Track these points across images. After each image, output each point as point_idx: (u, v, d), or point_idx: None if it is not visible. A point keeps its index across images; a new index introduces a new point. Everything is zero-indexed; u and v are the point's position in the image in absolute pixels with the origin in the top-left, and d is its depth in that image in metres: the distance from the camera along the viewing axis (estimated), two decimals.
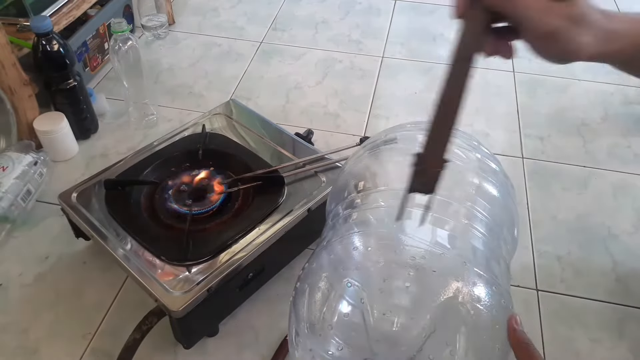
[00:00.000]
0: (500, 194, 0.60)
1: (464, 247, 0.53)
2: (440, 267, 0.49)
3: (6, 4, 0.95)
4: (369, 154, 0.66)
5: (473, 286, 0.48)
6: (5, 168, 0.85)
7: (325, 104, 1.12)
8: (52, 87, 0.94)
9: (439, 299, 0.47)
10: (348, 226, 0.56)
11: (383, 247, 0.52)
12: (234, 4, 1.46)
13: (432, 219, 0.53)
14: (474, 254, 0.53)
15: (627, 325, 0.74)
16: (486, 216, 0.56)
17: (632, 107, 1.14)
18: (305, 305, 0.51)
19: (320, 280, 0.52)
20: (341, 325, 0.48)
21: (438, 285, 0.48)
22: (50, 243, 0.83)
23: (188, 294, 0.62)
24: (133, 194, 0.75)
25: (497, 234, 0.57)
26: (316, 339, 0.49)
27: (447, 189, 0.56)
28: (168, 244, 0.68)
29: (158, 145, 0.83)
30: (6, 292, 0.77)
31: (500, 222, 0.58)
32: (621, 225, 0.88)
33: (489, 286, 0.49)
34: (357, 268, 0.51)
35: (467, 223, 0.55)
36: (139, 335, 0.63)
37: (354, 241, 0.53)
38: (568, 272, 0.82)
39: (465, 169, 0.60)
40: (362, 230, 0.55)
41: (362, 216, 0.58)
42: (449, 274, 0.49)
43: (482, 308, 0.47)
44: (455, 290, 0.47)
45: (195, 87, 1.16)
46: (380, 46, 1.31)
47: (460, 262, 0.50)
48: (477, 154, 0.63)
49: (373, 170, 0.64)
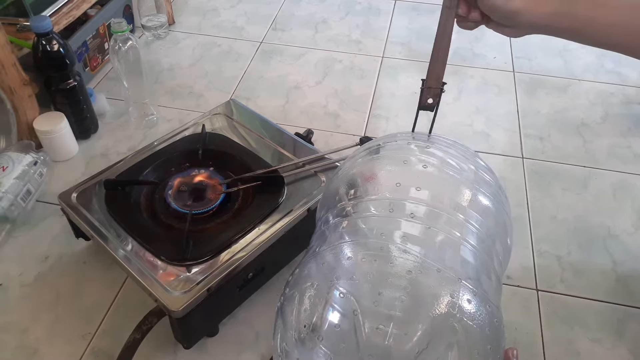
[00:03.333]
0: (493, 206, 0.59)
1: (456, 260, 0.53)
2: (433, 281, 0.49)
3: (6, 4, 0.95)
4: (362, 161, 0.65)
5: (467, 303, 0.47)
6: (5, 168, 0.85)
7: (325, 104, 1.12)
8: (52, 87, 0.94)
9: (432, 314, 0.46)
10: (339, 234, 0.55)
11: (376, 258, 0.51)
12: (234, 4, 1.46)
13: (423, 230, 0.52)
14: (465, 268, 0.52)
15: (627, 325, 0.74)
16: (478, 229, 0.55)
17: (632, 107, 1.14)
18: (294, 313, 0.51)
19: (310, 288, 0.51)
20: (331, 336, 0.47)
21: (431, 300, 0.47)
22: (50, 243, 0.83)
23: (188, 294, 0.62)
24: (133, 194, 0.75)
25: (489, 248, 0.57)
26: (304, 349, 0.48)
27: (440, 200, 0.56)
28: (168, 244, 0.68)
29: (158, 145, 0.83)
30: (6, 292, 0.77)
31: (492, 235, 0.58)
32: (621, 225, 0.88)
33: (483, 304, 0.49)
34: (350, 278, 0.50)
35: (459, 236, 0.54)
36: (139, 335, 0.63)
37: (346, 251, 0.53)
38: (568, 272, 0.82)
39: (459, 180, 0.60)
40: (355, 240, 0.54)
41: (353, 225, 0.57)
42: (442, 289, 0.48)
43: (475, 327, 0.47)
44: (448, 306, 0.47)
45: (195, 87, 1.16)
46: (380, 46, 1.31)
47: (454, 278, 0.49)
48: (471, 165, 0.62)
49: (365, 177, 0.63)
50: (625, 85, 1.20)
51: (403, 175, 0.60)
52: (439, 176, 0.60)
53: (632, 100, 1.16)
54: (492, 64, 1.25)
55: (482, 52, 1.28)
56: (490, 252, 0.57)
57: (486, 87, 1.18)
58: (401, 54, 1.28)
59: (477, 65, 1.24)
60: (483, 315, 0.48)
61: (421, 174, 0.60)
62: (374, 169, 0.63)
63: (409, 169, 0.61)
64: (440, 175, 0.60)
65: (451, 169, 0.60)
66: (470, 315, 0.47)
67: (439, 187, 0.48)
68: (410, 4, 1.48)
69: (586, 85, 1.19)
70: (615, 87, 1.19)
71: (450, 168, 0.60)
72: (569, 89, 1.18)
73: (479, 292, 0.49)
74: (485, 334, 0.48)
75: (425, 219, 0.54)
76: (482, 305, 0.49)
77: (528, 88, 1.18)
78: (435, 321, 0.46)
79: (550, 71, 1.23)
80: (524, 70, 1.23)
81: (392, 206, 0.56)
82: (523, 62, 1.25)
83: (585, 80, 1.21)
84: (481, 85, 1.18)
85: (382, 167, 0.63)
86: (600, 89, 1.18)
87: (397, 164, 0.63)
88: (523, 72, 1.22)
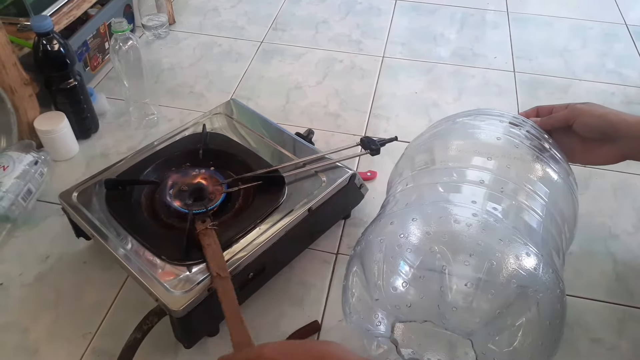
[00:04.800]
0: (563, 182, 0.63)
1: (536, 235, 0.56)
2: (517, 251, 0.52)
3: (6, 4, 0.95)
4: (440, 131, 0.69)
5: (546, 277, 0.51)
6: (6, 167, 0.85)
7: (325, 104, 1.12)
8: (52, 86, 0.94)
9: (513, 283, 0.50)
10: (435, 194, 0.59)
11: (469, 223, 0.54)
12: (235, 4, 1.46)
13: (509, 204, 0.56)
14: (545, 244, 0.56)
15: (627, 326, 0.74)
16: (546, 202, 0.59)
17: (633, 107, 1.14)
18: (382, 255, 0.54)
19: (401, 237, 0.55)
20: (415, 284, 0.52)
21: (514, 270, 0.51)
22: (51, 243, 0.83)
23: (189, 294, 0.62)
24: (134, 193, 0.75)
25: (560, 228, 0.59)
26: (391, 294, 0.53)
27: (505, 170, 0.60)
28: (169, 244, 0.68)
29: (158, 145, 0.83)
30: (6, 292, 0.77)
31: (563, 218, 0.61)
32: (621, 226, 0.88)
33: (557, 281, 0.52)
34: (441, 237, 0.53)
35: (540, 215, 0.57)
36: (139, 335, 0.63)
37: (436, 211, 0.56)
38: (568, 272, 0.81)
39: (534, 155, 0.64)
40: (445, 201, 0.58)
41: (442, 186, 0.60)
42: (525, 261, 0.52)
43: (549, 300, 0.51)
44: (530, 277, 0.51)
45: (196, 86, 1.16)
46: (380, 46, 1.31)
47: (537, 252, 0.52)
48: (546, 144, 0.66)
49: (435, 146, 0.68)
50: (626, 86, 1.19)
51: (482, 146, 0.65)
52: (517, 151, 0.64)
53: (632, 101, 1.16)
54: (492, 64, 1.25)
55: (483, 52, 1.28)
56: (560, 233, 0.60)
57: (487, 87, 1.18)
58: (402, 54, 1.28)
59: (478, 65, 1.24)
60: (557, 291, 0.52)
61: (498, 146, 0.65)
62: (449, 138, 0.68)
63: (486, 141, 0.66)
64: (518, 151, 0.64)
65: (528, 147, 0.64)
66: (546, 287, 0.51)
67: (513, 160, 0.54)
68: (410, 4, 1.48)
69: (587, 86, 1.19)
70: (615, 87, 1.19)
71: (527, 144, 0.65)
72: (569, 89, 1.18)
73: (555, 268, 0.53)
74: (556, 309, 0.52)
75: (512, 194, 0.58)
76: (557, 281, 0.52)
77: (529, 88, 1.18)
78: (515, 290, 0.50)
79: (550, 71, 1.23)
80: (524, 70, 1.23)
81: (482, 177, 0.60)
82: (524, 62, 1.25)
83: (586, 81, 1.21)
84: (482, 86, 1.18)
85: (458, 137, 0.68)
86: (600, 89, 1.18)
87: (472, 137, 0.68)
88: (524, 72, 1.22)
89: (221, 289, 0.61)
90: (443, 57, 1.27)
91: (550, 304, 0.51)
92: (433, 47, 1.31)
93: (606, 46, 1.32)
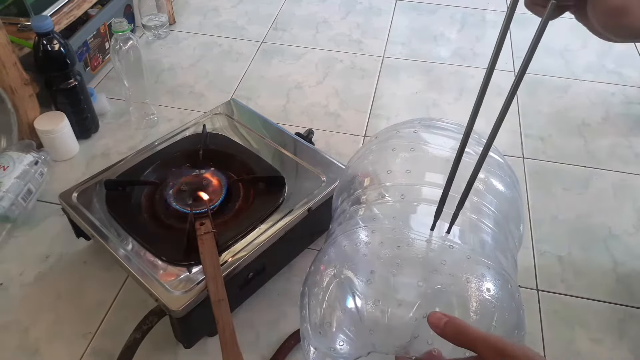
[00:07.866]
0: (506, 188, 0.60)
1: (473, 241, 0.54)
2: (449, 260, 0.50)
3: (7, 4, 0.95)
4: (375, 148, 0.66)
5: (482, 278, 0.49)
6: (6, 167, 0.85)
7: (325, 104, 1.12)
8: (52, 86, 0.94)
9: (447, 289, 0.48)
10: (354, 222, 0.57)
11: (390, 241, 0.52)
12: (235, 4, 1.46)
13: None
14: (482, 248, 0.54)
15: (627, 326, 0.74)
16: (493, 210, 0.56)
17: (633, 107, 1.14)
18: (307, 307, 0.52)
19: (322, 279, 0.52)
20: (344, 321, 0.49)
21: (447, 277, 0.49)
22: (51, 243, 0.83)
23: (188, 294, 0.62)
24: (134, 194, 0.75)
25: (504, 228, 0.58)
26: (320, 337, 0.50)
27: (454, 184, 0.57)
28: (169, 244, 0.68)
29: (159, 145, 0.83)
30: (7, 292, 0.77)
31: (506, 216, 0.59)
32: (622, 226, 0.88)
33: (501, 279, 0.50)
34: (359, 262, 0.51)
35: (476, 218, 0.55)
36: (139, 335, 0.63)
37: (360, 236, 0.54)
38: (568, 272, 0.82)
39: (472, 163, 0.61)
40: (369, 225, 0.56)
41: (368, 211, 0.58)
42: (457, 267, 0.50)
43: (493, 300, 0.48)
44: (464, 282, 0.48)
45: (196, 86, 1.16)
46: (381, 46, 1.31)
47: (466, 256, 0.51)
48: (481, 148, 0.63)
49: (379, 165, 0.65)
50: (626, 85, 1.19)
51: (415, 161, 0.62)
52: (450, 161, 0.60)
53: (632, 101, 1.16)
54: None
55: (483, 52, 1.28)
56: (506, 233, 0.58)
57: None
58: (402, 53, 1.28)
59: (478, 65, 1.24)
60: (500, 289, 0.49)
61: (433, 159, 0.61)
62: (386, 156, 0.65)
63: (420, 155, 0.62)
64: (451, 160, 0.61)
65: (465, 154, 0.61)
66: (487, 289, 0.48)
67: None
68: (411, 4, 1.48)
69: (587, 85, 1.19)
70: (616, 87, 1.19)
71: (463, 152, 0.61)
72: (569, 89, 1.18)
73: (497, 267, 0.51)
74: (502, 307, 0.49)
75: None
76: (498, 278, 0.50)
77: (529, 88, 1.18)
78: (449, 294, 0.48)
79: (551, 71, 1.23)
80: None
81: (405, 192, 0.57)
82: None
83: (586, 80, 1.21)
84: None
85: (396, 154, 0.65)
86: (601, 89, 1.18)
87: (408, 151, 0.64)
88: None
89: (218, 312, 0.61)
90: (443, 57, 1.27)
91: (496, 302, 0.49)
92: (433, 47, 1.31)
93: (606, 46, 1.32)
